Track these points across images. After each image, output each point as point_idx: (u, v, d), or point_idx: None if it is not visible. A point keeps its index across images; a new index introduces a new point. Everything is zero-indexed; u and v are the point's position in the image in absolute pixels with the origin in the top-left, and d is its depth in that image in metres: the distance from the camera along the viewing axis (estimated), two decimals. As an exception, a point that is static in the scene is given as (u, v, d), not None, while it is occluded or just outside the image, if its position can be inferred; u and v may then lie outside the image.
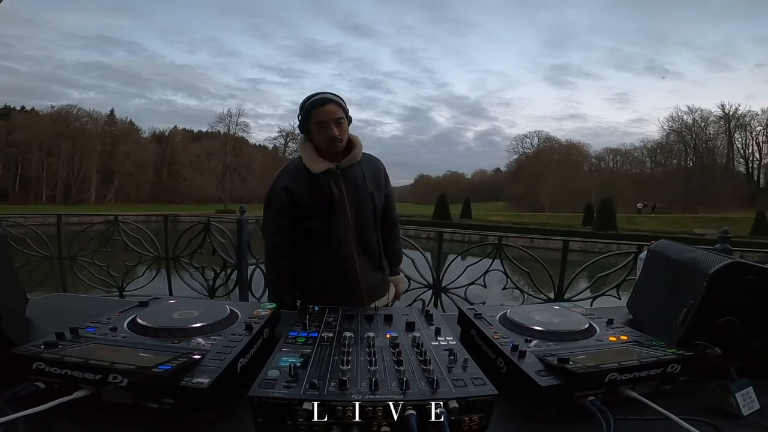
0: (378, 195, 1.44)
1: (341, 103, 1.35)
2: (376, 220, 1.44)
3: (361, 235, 1.40)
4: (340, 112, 1.33)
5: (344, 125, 1.36)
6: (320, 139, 1.34)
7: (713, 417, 0.55)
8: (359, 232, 1.39)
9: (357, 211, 1.38)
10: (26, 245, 3.14)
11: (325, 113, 1.32)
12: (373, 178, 1.43)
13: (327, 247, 1.38)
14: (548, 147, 57.23)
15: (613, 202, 27.31)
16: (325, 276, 1.38)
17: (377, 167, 1.48)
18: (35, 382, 0.54)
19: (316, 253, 1.39)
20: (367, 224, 1.41)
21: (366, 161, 1.45)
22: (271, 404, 0.49)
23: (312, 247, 1.39)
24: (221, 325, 0.72)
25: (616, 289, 2.65)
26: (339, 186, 1.37)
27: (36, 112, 44.89)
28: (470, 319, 0.82)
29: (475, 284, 2.80)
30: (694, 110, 48.80)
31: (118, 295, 3.12)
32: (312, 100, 1.33)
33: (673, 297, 0.80)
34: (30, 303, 0.93)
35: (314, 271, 1.40)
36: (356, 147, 1.40)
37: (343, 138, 1.35)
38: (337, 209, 1.36)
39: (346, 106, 1.38)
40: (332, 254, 1.38)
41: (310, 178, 1.35)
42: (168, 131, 54.72)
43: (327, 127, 1.32)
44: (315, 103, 1.32)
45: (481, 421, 0.52)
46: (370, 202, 1.40)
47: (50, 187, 44.04)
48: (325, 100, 1.32)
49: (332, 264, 1.38)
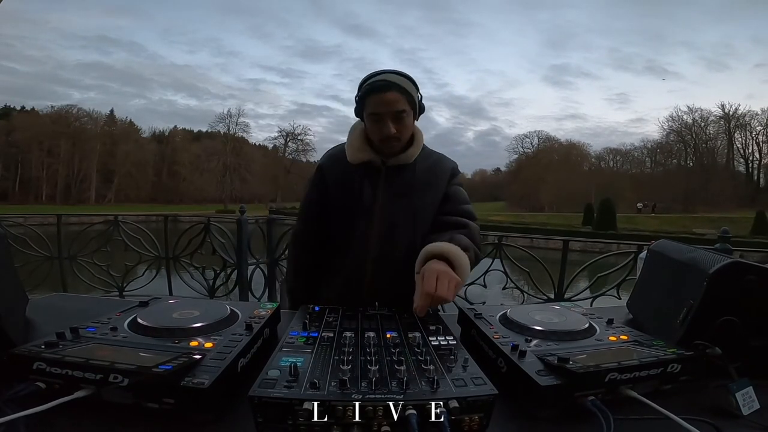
0: (429, 203, 1.12)
1: (408, 90, 1.04)
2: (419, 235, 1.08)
3: (388, 252, 1.09)
4: (402, 103, 1.03)
5: (407, 120, 1.06)
6: (373, 134, 1.08)
7: (713, 417, 0.55)
8: (386, 249, 1.09)
9: (390, 222, 1.09)
10: (26, 245, 3.14)
11: (382, 103, 1.02)
12: (429, 185, 1.12)
13: (344, 257, 1.12)
14: (548, 147, 57.24)
15: (613, 202, 27.34)
16: (339, 291, 1.12)
17: (438, 170, 1.15)
18: (36, 382, 0.54)
19: (334, 261, 1.15)
20: (401, 240, 1.09)
21: (425, 162, 1.14)
22: (272, 404, 0.49)
23: (332, 253, 1.16)
24: (221, 325, 0.72)
25: (616, 289, 2.65)
26: (375, 187, 1.10)
27: (36, 112, 44.95)
28: (470, 318, 0.82)
29: (475, 284, 2.80)
30: (694, 110, 48.88)
31: (118, 295, 3.12)
32: (370, 83, 1.03)
33: (673, 297, 0.80)
34: (30, 303, 0.93)
35: (328, 282, 1.16)
36: (413, 146, 1.11)
37: (403, 137, 1.07)
38: (363, 215, 1.09)
39: (415, 94, 1.07)
40: (347, 267, 1.12)
41: (345, 166, 1.11)
42: (168, 131, 54.81)
43: (381, 121, 1.04)
44: (372, 87, 1.02)
45: (481, 421, 0.52)
46: (410, 216, 1.09)
47: (50, 187, 44.07)
48: (387, 85, 1.02)
49: (346, 278, 1.12)
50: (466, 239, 1.00)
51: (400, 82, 1.03)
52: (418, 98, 1.08)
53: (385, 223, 1.09)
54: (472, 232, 1.06)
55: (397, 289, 0.95)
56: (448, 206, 1.12)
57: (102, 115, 48.43)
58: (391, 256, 1.09)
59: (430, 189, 1.12)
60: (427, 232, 1.08)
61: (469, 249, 0.96)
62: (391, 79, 1.03)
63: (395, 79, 1.03)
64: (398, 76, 1.05)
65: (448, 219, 1.09)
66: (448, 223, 1.08)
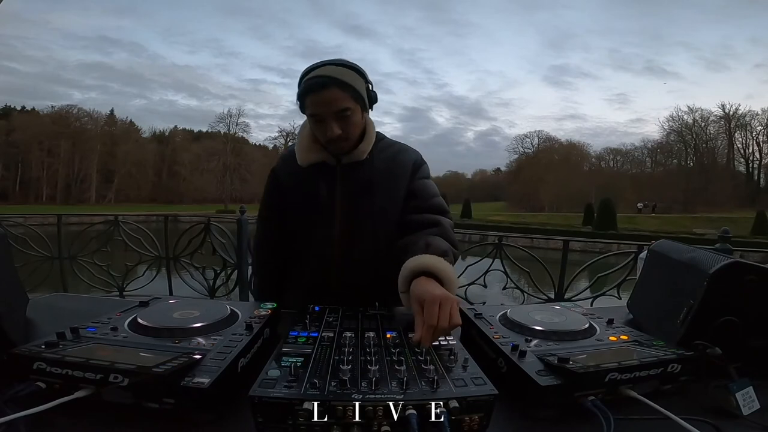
0: (391, 202, 1.04)
1: (351, 84, 0.93)
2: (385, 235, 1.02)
3: (352, 254, 1.03)
4: (345, 101, 0.92)
5: (353, 118, 0.95)
6: (317, 135, 0.99)
7: (713, 417, 0.55)
8: (349, 251, 1.03)
9: (350, 223, 1.02)
10: (27, 245, 3.14)
11: (321, 104, 0.92)
12: (389, 181, 1.04)
13: (308, 261, 1.07)
14: (548, 147, 57.26)
15: (613, 202, 27.33)
16: (305, 294, 1.04)
17: (399, 164, 1.06)
18: (36, 382, 0.54)
19: (297, 265, 1.10)
20: (364, 241, 1.03)
21: (384, 156, 1.06)
22: (272, 404, 0.49)
23: (295, 257, 1.10)
24: (222, 324, 0.72)
25: (616, 289, 2.65)
26: (332, 186, 1.03)
27: (36, 112, 45.03)
28: (470, 318, 0.82)
29: (475, 284, 2.81)
30: (695, 110, 48.89)
31: (118, 295, 3.12)
32: (306, 80, 0.93)
33: (673, 297, 0.80)
34: (30, 303, 0.93)
35: (293, 285, 1.11)
36: (364, 141, 1.02)
37: (350, 135, 0.97)
38: (322, 218, 1.03)
39: (361, 86, 0.96)
40: (311, 270, 1.06)
41: (299, 168, 1.03)
42: (168, 131, 54.86)
43: (323, 122, 0.94)
44: (309, 86, 0.92)
45: (481, 421, 0.52)
46: (371, 215, 1.02)
47: (50, 187, 44.12)
48: (324, 82, 0.91)
49: (311, 282, 1.06)
50: (443, 243, 0.91)
51: (341, 76, 0.92)
52: (365, 89, 0.98)
53: (346, 224, 1.03)
54: (445, 230, 0.98)
55: (363, 290, 0.94)
56: (416, 202, 1.03)
57: (102, 115, 48.59)
58: (355, 258, 1.03)
59: (390, 185, 1.04)
60: (394, 231, 1.01)
61: (448, 253, 0.89)
62: (329, 73, 0.92)
63: (334, 72, 0.92)
64: (339, 68, 0.94)
65: (419, 217, 1.00)
66: (419, 221, 0.99)
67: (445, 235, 0.96)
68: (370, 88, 1.01)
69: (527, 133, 60.10)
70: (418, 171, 1.07)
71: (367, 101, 1.00)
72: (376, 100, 1.03)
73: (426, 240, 0.90)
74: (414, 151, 1.11)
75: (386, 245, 1.00)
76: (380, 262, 1.00)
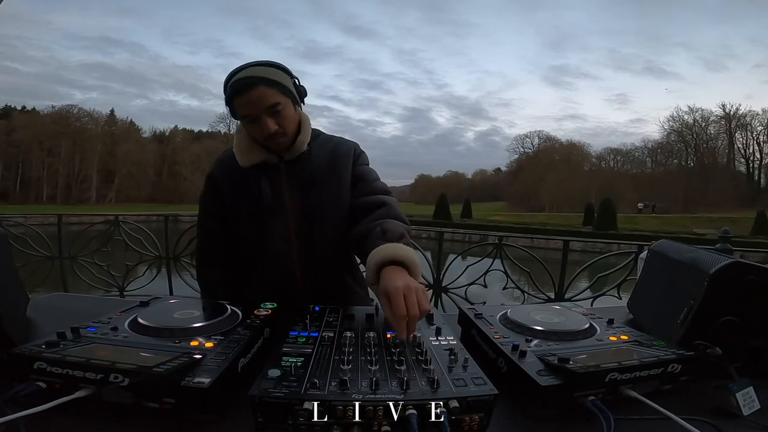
0: (338, 190, 1.05)
1: (277, 80, 0.95)
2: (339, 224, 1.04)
3: (311, 248, 1.04)
4: (274, 96, 0.93)
5: (285, 112, 0.96)
6: (254, 135, 1.00)
7: (713, 417, 0.55)
8: (307, 245, 1.03)
9: (301, 219, 1.03)
10: (27, 245, 3.14)
11: (251, 103, 0.93)
12: (332, 172, 1.05)
13: (264, 263, 1.06)
14: (549, 147, 57.33)
15: (614, 202, 27.35)
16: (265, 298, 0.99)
17: (339, 155, 1.07)
18: (36, 381, 0.54)
19: (252, 269, 1.08)
20: (322, 233, 1.03)
21: (324, 149, 1.07)
22: (272, 404, 0.49)
23: (248, 261, 1.08)
24: (222, 324, 0.72)
25: (616, 289, 2.65)
26: (276, 185, 1.02)
27: (36, 112, 45.07)
28: (471, 318, 0.82)
29: (475, 284, 2.80)
30: (695, 110, 48.95)
31: (118, 295, 3.12)
32: (232, 84, 0.94)
33: (673, 297, 0.80)
34: (31, 303, 0.93)
35: (252, 291, 1.07)
36: (301, 134, 1.02)
37: (287, 130, 0.98)
38: (273, 216, 1.02)
39: (287, 81, 0.98)
40: (270, 272, 1.05)
41: (238, 171, 1.02)
42: (168, 131, 54.86)
43: (257, 121, 0.95)
44: (235, 88, 0.93)
45: (481, 421, 0.52)
46: (320, 208, 1.03)
47: (51, 187, 44.14)
48: (250, 82, 0.92)
49: (271, 284, 1.05)
50: (398, 225, 0.93)
51: (265, 74, 0.94)
52: (293, 83, 1.00)
53: (297, 220, 1.03)
54: (393, 209, 1.00)
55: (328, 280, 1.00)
56: (361, 186, 1.06)
57: (102, 115, 48.66)
58: (313, 253, 1.04)
59: (334, 175, 1.05)
60: (345, 219, 1.04)
61: (404, 235, 0.90)
62: (253, 73, 0.93)
63: (257, 72, 0.94)
64: (261, 67, 0.96)
65: (366, 200, 1.03)
66: (367, 203, 1.02)
67: (395, 214, 0.99)
68: (297, 83, 1.02)
69: (527, 133, 60.31)
70: (358, 159, 1.10)
71: (297, 95, 1.01)
72: (305, 93, 1.05)
73: (381, 226, 0.92)
74: (352, 142, 1.14)
75: (341, 233, 1.04)
76: (338, 250, 1.05)
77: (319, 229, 1.03)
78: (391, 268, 0.80)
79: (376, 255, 0.84)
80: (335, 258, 1.05)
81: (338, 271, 1.08)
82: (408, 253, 0.84)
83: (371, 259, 0.84)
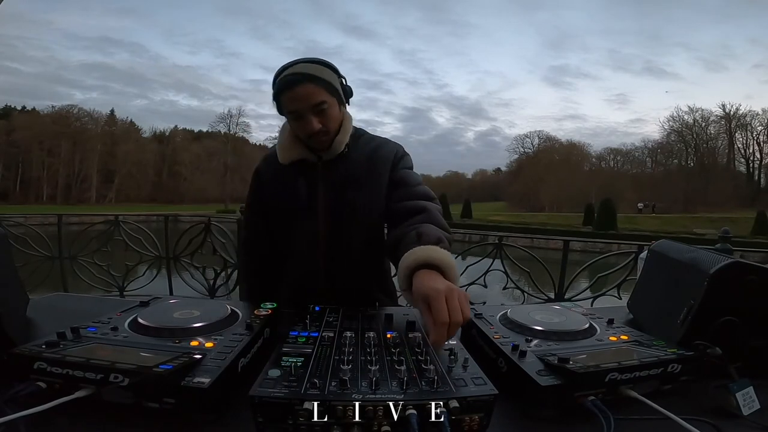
0: (374, 192, 1.03)
1: (325, 78, 0.95)
2: (370, 227, 1.05)
3: (337, 250, 1.03)
4: (320, 95, 0.94)
5: (330, 111, 0.96)
6: (298, 132, 1.00)
7: (713, 417, 0.55)
8: (334, 246, 1.03)
9: (334, 219, 1.03)
10: (27, 245, 3.14)
11: (297, 99, 0.94)
12: (370, 174, 1.04)
13: (292, 260, 1.08)
14: (549, 147, 57.30)
15: (614, 202, 27.34)
16: (293, 294, 1.06)
17: (379, 157, 1.06)
18: (36, 381, 0.54)
19: (283, 267, 1.11)
20: (350, 235, 1.03)
21: (364, 150, 1.06)
22: (272, 404, 0.49)
23: (281, 257, 1.11)
24: (222, 324, 0.72)
25: (616, 289, 2.66)
26: (312, 185, 1.03)
27: (36, 112, 45.09)
28: (471, 318, 0.82)
29: (475, 284, 2.80)
30: (695, 110, 48.94)
31: (118, 295, 3.12)
32: (280, 79, 0.94)
33: (673, 297, 0.80)
34: (31, 303, 0.93)
35: (282, 285, 1.10)
36: (340, 134, 1.02)
37: (330, 129, 0.98)
38: (304, 216, 1.03)
39: (335, 80, 0.98)
40: (296, 269, 1.08)
41: (280, 167, 1.05)
42: (168, 131, 54.86)
43: (302, 118, 0.95)
44: (284, 84, 0.94)
45: (481, 421, 0.52)
46: (354, 210, 1.02)
47: (51, 187, 44.16)
48: (298, 78, 0.92)
49: (296, 281, 1.07)
50: (435, 230, 0.88)
51: (314, 72, 0.94)
52: (340, 83, 1.00)
53: (329, 219, 1.02)
54: (434, 215, 0.95)
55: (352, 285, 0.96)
56: (401, 191, 1.02)
57: (102, 115, 48.65)
58: (341, 254, 1.03)
59: (372, 178, 1.03)
60: (378, 225, 1.04)
61: (443, 240, 0.86)
62: (303, 70, 0.93)
63: (307, 69, 0.94)
64: (311, 64, 0.96)
65: (405, 205, 0.98)
66: (406, 209, 0.97)
67: (435, 221, 0.93)
68: (344, 83, 1.02)
69: (527, 133, 60.26)
70: (400, 162, 1.07)
71: (343, 95, 1.01)
72: (351, 94, 1.04)
73: (417, 230, 0.87)
74: (395, 143, 1.11)
75: (370, 238, 1.03)
76: (365, 255, 1.04)
77: (348, 231, 1.03)
78: (425, 272, 0.76)
79: (408, 258, 0.79)
80: (362, 262, 1.02)
81: (363, 277, 1.04)
82: (443, 256, 0.79)
83: (403, 262, 0.80)
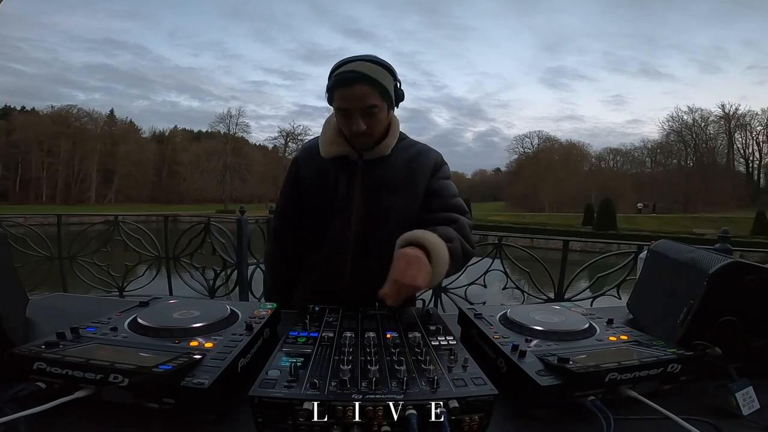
0: (410, 199, 1.04)
1: (380, 81, 0.94)
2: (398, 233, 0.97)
3: (366, 250, 1.03)
4: (373, 98, 0.93)
5: (379, 115, 0.96)
6: (343, 128, 1.00)
7: (713, 417, 0.55)
8: (364, 246, 1.03)
9: (367, 219, 1.03)
10: (26, 245, 3.14)
11: (349, 98, 0.94)
12: (409, 179, 1.04)
13: (321, 254, 1.07)
14: (548, 147, 57.23)
15: (613, 202, 27.36)
16: (316, 288, 1.07)
17: (420, 163, 1.06)
18: (36, 382, 0.54)
19: (310, 258, 1.10)
20: (378, 237, 1.02)
21: (405, 154, 1.05)
22: (272, 404, 0.49)
23: (309, 249, 1.11)
24: (222, 325, 0.72)
25: (616, 289, 2.65)
26: (351, 182, 1.03)
27: (36, 112, 45.04)
28: (470, 318, 0.82)
29: (475, 284, 2.80)
30: (694, 110, 48.94)
31: (118, 295, 3.11)
32: (337, 74, 0.94)
33: (673, 297, 0.80)
34: (30, 303, 0.92)
35: (304, 279, 1.11)
36: (388, 137, 1.02)
37: (375, 132, 0.99)
38: (339, 211, 1.03)
39: (389, 84, 0.96)
40: (322, 264, 1.06)
41: (320, 160, 1.04)
42: (168, 131, 54.83)
43: (349, 117, 0.95)
44: (339, 80, 0.93)
45: (481, 421, 0.52)
46: (387, 212, 1.02)
47: (50, 187, 44.13)
48: (355, 78, 0.92)
49: (322, 276, 1.06)
50: (451, 231, 0.92)
51: (371, 73, 0.93)
52: (393, 87, 0.99)
53: (362, 219, 1.03)
54: (461, 227, 0.98)
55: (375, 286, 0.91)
56: (436, 201, 1.04)
57: (102, 116, 48.59)
58: (368, 254, 1.03)
59: (409, 184, 1.04)
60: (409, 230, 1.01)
61: (453, 240, 0.88)
62: (360, 69, 0.92)
63: (365, 68, 0.93)
64: (369, 64, 0.94)
65: (437, 216, 1.00)
66: (437, 219, 0.99)
67: (459, 230, 0.97)
68: (398, 86, 1.01)
69: (527, 134, 60.17)
70: (438, 171, 1.07)
71: (394, 99, 1.01)
72: (402, 98, 1.03)
73: (434, 227, 0.91)
74: (435, 152, 1.11)
75: None
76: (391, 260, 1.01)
77: (379, 233, 1.02)
78: (411, 247, 0.81)
79: (407, 234, 0.84)
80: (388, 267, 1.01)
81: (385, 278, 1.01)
82: (436, 242, 0.82)
83: (401, 237, 0.85)
